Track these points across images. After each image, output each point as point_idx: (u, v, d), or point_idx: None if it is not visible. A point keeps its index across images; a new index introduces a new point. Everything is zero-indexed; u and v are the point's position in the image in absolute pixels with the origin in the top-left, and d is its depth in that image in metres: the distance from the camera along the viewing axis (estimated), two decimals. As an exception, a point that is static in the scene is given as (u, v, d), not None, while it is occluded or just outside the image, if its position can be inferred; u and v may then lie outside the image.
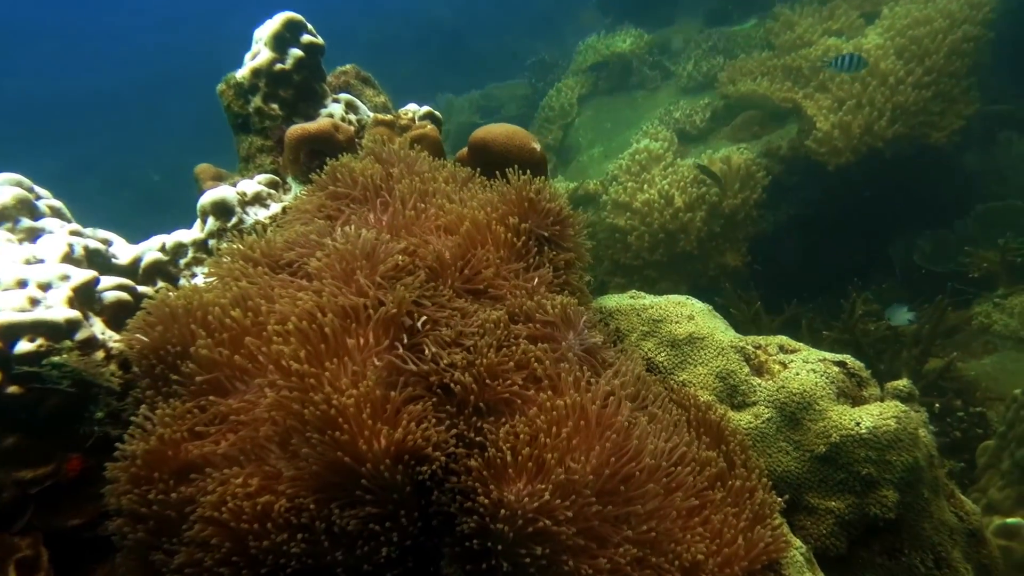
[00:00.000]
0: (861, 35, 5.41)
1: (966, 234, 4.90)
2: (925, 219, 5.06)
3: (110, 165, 14.18)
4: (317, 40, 2.33)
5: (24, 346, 1.38)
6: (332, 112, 2.31)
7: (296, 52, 2.26)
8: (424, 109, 2.45)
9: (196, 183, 2.18)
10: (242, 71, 2.28)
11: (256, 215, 2.04)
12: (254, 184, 2.11)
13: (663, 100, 6.80)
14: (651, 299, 2.07)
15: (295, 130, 2.11)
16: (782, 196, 5.20)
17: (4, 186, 1.82)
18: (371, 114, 2.41)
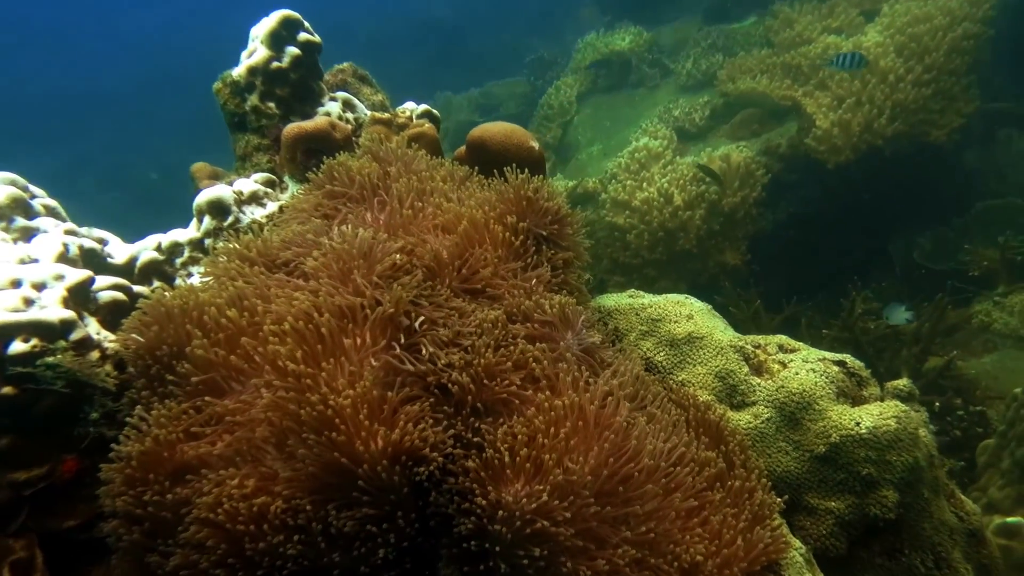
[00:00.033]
0: (861, 33, 5.40)
1: (966, 232, 4.89)
2: (925, 217, 5.05)
3: (108, 163, 14.17)
4: (314, 38, 2.32)
5: (18, 346, 1.37)
6: (329, 111, 2.30)
7: (293, 50, 2.25)
8: (422, 107, 2.44)
9: (192, 182, 2.17)
10: (238, 69, 2.27)
11: (253, 214, 2.03)
12: (251, 183, 2.10)
13: (662, 98, 6.79)
14: (650, 298, 2.07)
15: (292, 129, 2.10)
16: (781, 194, 5.19)
17: (-1, 185, 1.81)
18: (368, 112, 2.40)
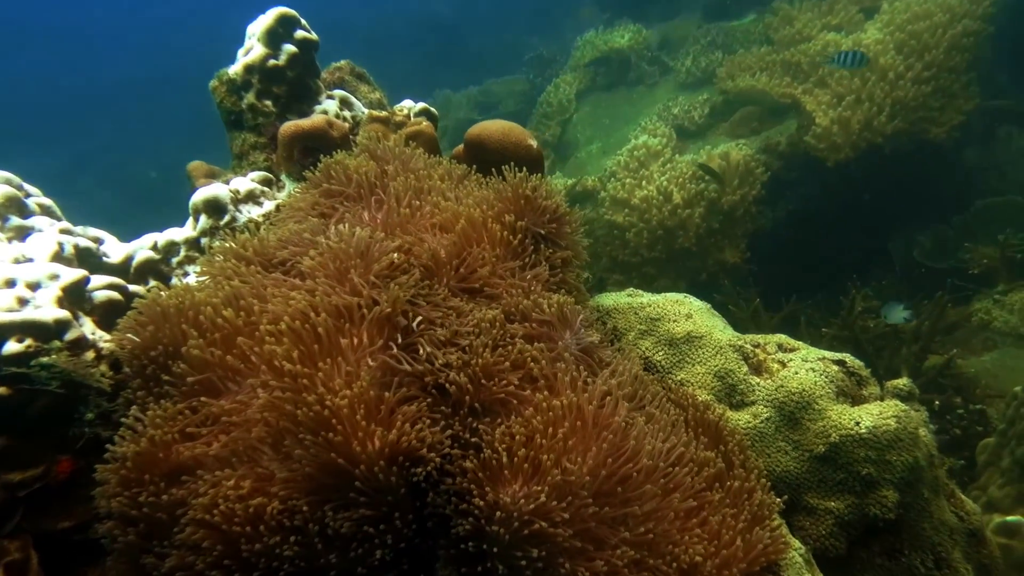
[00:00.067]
0: (860, 30, 5.38)
1: (966, 230, 4.88)
2: (925, 215, 5.05)
3: (108, 162, 14.16)
4: (311, 36, 2.30)
5: (12, 347, 1.36)
6: (326, 109, 2.29)
7: (290, 48, 2.24)
8: (419, 105, 2.43)
9: (189, 180, 2.16)
10: (235, 67, 2.25)
11: (249, 213, 2.02)
12: (247, 182, 2.09)
13: (661, 96, 6.78)
14: (649, 297, 2.06)
15: (288, 127, 2.09)
16: (781, 192, 5.18)
17: (-6, 184, 1.79)
18: (366, 111, 2.39)
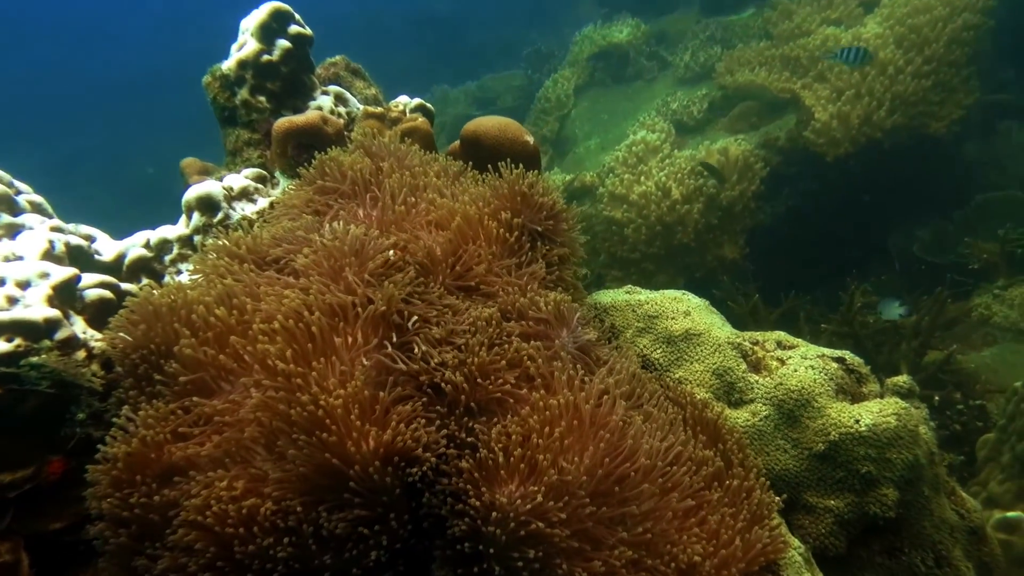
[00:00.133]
0: (860, 24, 5.36)
1: (966, 225, 4.87)
2: (924, 210, 5.03)
3: (105, 158, 14.13)
4: (305, 31, 2.28)
5: (1, 346, 1.35)
6: (321, 105, 2.27)
7: (284, 43, 2.21)
8: (415, 101, 2.41)
9: (182, 177, 2.14)
10: (228, 63, 2.23)
11: (243, 210, 2.00)
12: (240, 179, 2.07)
13: (660, 91, 6.75)
14: (647, 294, 2.04)
15: (282, 123, 2.07)
16: (780, 188, 5.16)
17: (-16, 181, 1.78)
18: (361, 107, 2.36)
